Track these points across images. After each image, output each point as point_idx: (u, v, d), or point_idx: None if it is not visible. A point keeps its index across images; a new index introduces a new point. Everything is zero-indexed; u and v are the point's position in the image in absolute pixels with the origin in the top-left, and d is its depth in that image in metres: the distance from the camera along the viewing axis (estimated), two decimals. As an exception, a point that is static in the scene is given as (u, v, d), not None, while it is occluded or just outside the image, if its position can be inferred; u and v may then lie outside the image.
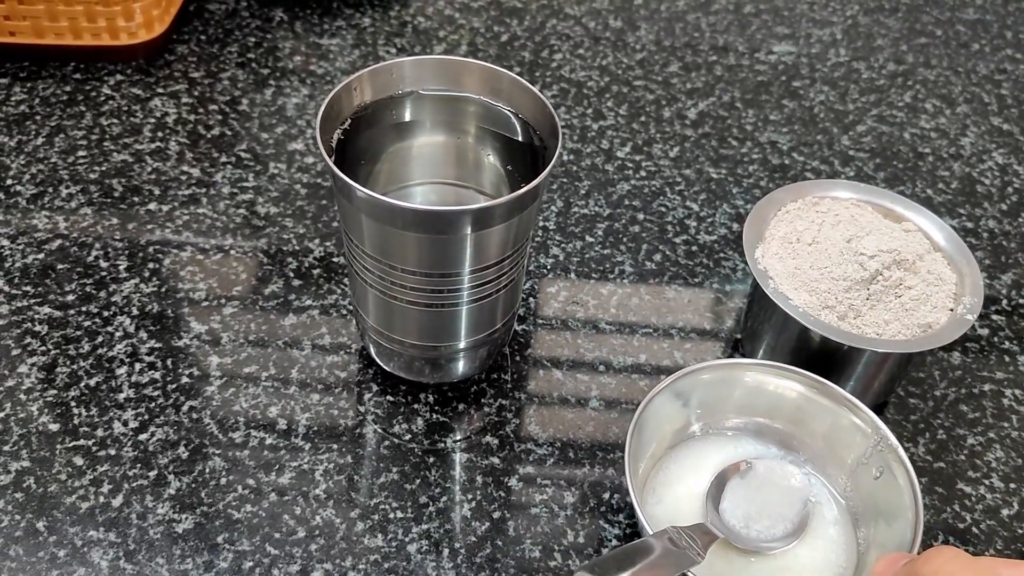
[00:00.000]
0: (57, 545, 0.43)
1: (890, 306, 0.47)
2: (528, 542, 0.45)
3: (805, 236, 0.50)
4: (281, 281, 0.55)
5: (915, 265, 0.48)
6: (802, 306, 0.47)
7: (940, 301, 0.47)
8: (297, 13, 0.75)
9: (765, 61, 0.76)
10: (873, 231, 0.49)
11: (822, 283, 0.47)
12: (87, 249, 0.56)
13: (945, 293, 0.48)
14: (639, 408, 0.42)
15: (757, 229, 0.50)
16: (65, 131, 0.63)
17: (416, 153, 0.46)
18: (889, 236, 0.49)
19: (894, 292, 0.47)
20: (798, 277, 0.48)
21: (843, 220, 0.50)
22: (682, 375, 0.44)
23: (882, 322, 0.46)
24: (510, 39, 0.75)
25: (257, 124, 0.65)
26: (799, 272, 0.48)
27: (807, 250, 0.49)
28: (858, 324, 0.47)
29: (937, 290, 0.47)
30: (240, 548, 0.43)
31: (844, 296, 0.47)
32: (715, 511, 0.43)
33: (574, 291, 0.56)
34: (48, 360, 0.50)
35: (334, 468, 0.47)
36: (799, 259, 0.49)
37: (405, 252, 0.41)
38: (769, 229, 0.51)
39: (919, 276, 0.48)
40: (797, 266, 0.48)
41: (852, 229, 0.49)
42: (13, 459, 0.46)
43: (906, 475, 0.41)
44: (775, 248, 0.50)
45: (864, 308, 0.47)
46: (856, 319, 0.47)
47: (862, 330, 0.46)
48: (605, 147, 0.66)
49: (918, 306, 0.47)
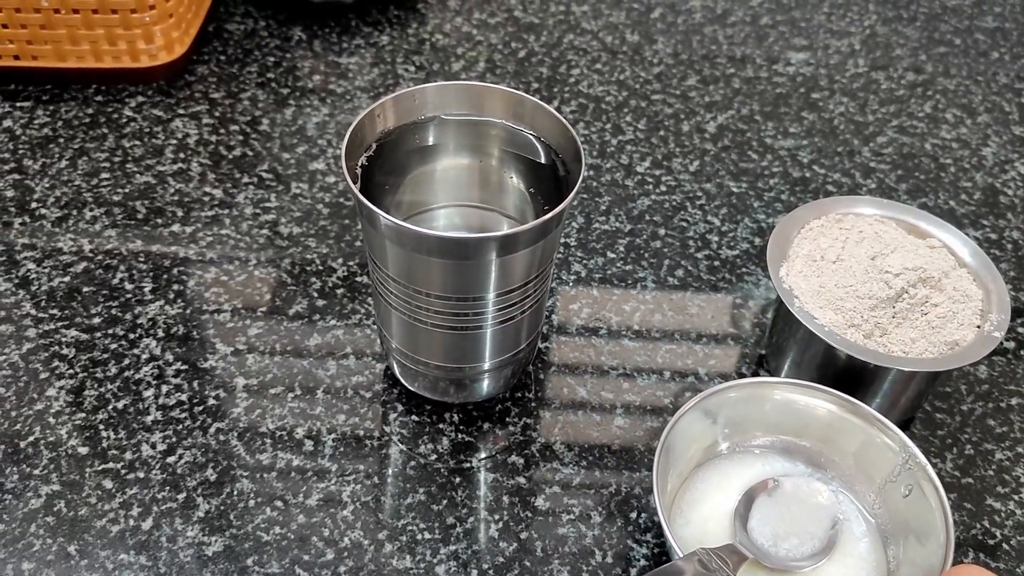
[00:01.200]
0: (89, 569, 0.43)
1: (916, 324, 0.47)
2: (556, 562, 0.45)
3: (829, 254, 0.50)
4: (305, 301, 0.55)
5: (941, 282, 0.48)
6: (828, 325, 0.46)
7: (967, 318, 0.47)
8: (316, 32, 0.76)
9: (783, 73, 0.76)
10: (898, 248, 0.49)
11: (847, 301, 0.47)
12: (112, 271, 0.56)
13: (971, 310, 0.47)
14: (667, 428, 0.42)
15: (781, 247, 0.50)
16: (88, 153, 0.63)
17: (440, 177, 0.46)
18: (914, 253, 0.48)
19: (920, 310, 0.47)
20: (823, 295, 0.48)
21: (867, 237, 0.50)
22: (710, 393, 0.44)
23: (908, 340, 0.46)
24: (527, 55, 0.75)
25: (278, 144, 0.65)
26: (824, 290, 0.48)
27: (831, 268, 0.49)
28: (884, 343, 0.46)
29: (963, 307, 0.47)
30: (270, 571, 0.43)
31: (870, 315, 0.47)
32: (743, 530, 0.42)
33: (596, 308, 0.56)
34: (76, 383, 0.50)
35: (361, 489, 0.47)
36: (823, 277, 0.48)
37: (430, 277, 0.41)
38: (793, 247, 0.51)
39: (945, 293, 0.47)
40: (822, 284, 0.48)
41: (876, 246, 0.49)
42: (44, 483, 0.46)
43: (935, 493, 0.41)
44: (799, 266, 0.49)
45: (890, 326, 0.47)
46: (882, 337, 0.47)
47: (888, 348, 0.46)
48: (624, 162, 0.66)
49: (944, 324, 0.46)
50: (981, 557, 0.46)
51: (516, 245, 0.40)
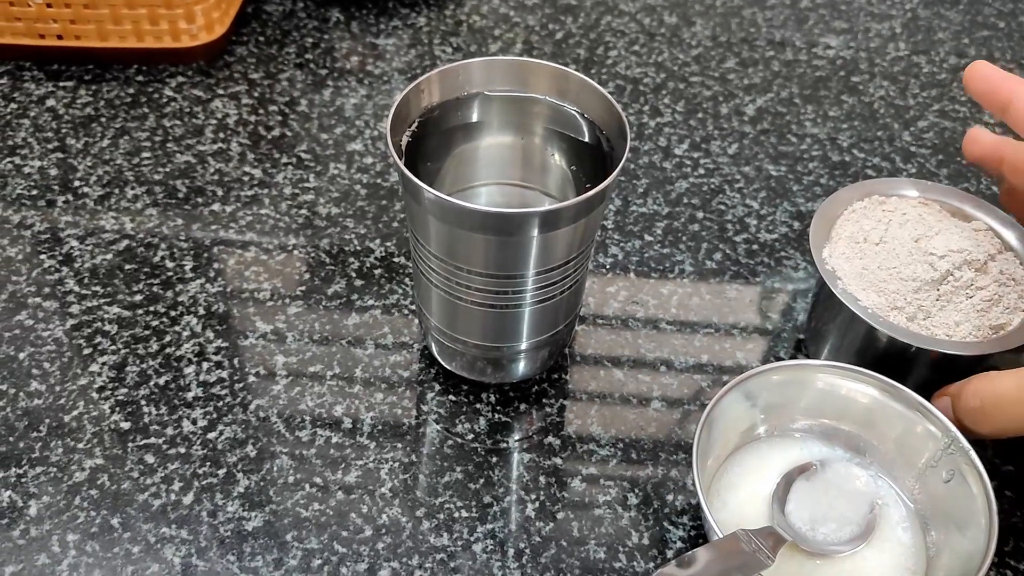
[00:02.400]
0: (131, 542, 0.44)
1: (961, 307, 0.46)
2: (592, 543, 0.45)
3: (872, 236, 0.49)
4: (344, 281, 0.55)
5: (986, 265, 0.47)
6: (871, 307, 0.46)
7: (1013, 302, 0.46)
8: (353, 13, 0.76)
9: (823, 56, 0.75)
10: (942, 231, 0.48)
11: (891, 283, 0.47)
12: (153, 249, 0.57)
13: (1018, 294, 0.47)
14: (708, 408, 0.42)
15: (823, 229, 0.50)
16: (129, 133, 0.64)
17: (482, 154, 0.46)
18: (959, 235, 0.48)
19: (965, 293, 0.46)
20: (866, 277, 0.47)
21: (911, 219, 0.49)
22: (751, 375, 0.44)
23: (952, 323, 0.46)
24: (565, 36, 0.75)
25: (316, 125, 0.66)
26: (867, 272, 0.47)
27: (874, 250, 0.48)
28: (927, 325, 0.46)
29: (1010, 291, 0.47)
30: (309, 546, 0.44)
31: (913, 297, 0.46)
32: (781, 513, 0.42)
33: (634, 291, 0.56)
34: (118, 359, 0.51)
35: (399, 467, 0.47)
36: (866, 259, 0.48)
37: (471, 253, 0.41)
38: (835, 229, 0.50)
39: (990, 276, 0.47)
40: (865, 266, 0.48)
41: (920, 228, 0.49)
42: (87, 456, 0.47)
43: (979, 479, 0.40)
44: (842, 248, 0.49)
45: (934, 309, 0.46)
46: (926, 320, 0.46)
47: (932, 331, 0.46)
48: (663, 144, 0.66)
49: (990, 307, 0.46)
50: (1022, 545, 0.46)
51: (558, 222, 0.40)
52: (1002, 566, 0.45)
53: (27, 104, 0.66)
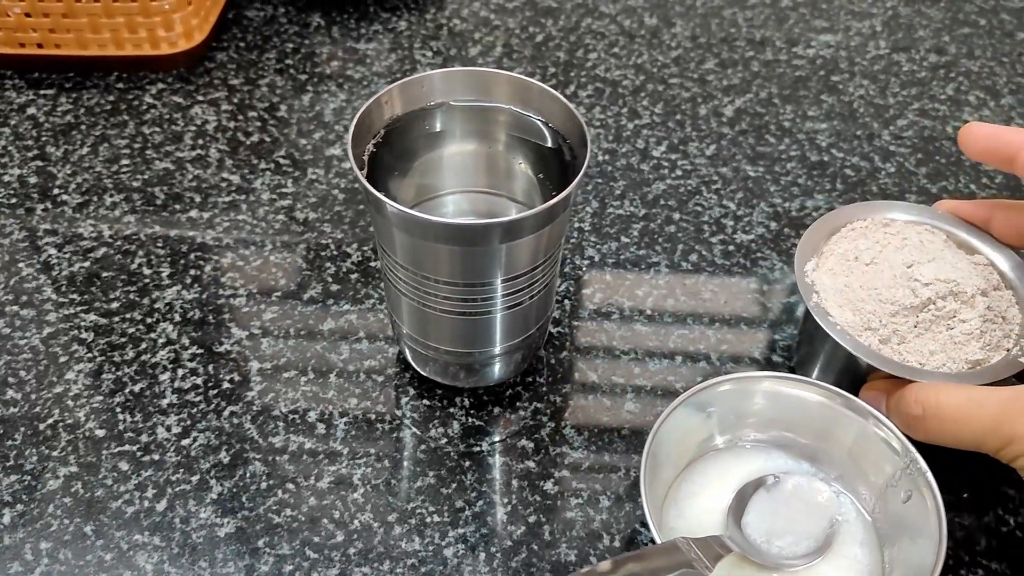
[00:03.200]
0: (104, 549, 0.44)
1: (938, 337, 0.45)
2: (564, 546, 0.45)
3: (864, 256, 0.48)
4: (320, 286, 0.56)
5: (974, 299, 0.45)
6: (842, 324, 0.45)
7: (996, 340, 0.45)
8: (334, 18, 0.76)
9: (803, 56, 0.75)
10: (937, 259, 0.47)
11: (868, 304, 0.46)
12: (131, 256, 0.57)
13: (1004, 333, 0.45)
14: (656, 424, 0.42)
15: (815, 241, 0.49)
16: (109, 140, 0.64)
17: (448, 163, 0.47)
18: (952, 266, 0.46)
19: (946, 323, 0.45)
20: (845, 295, 0.46)
21: (910, 245, 0.48)
22: (699, 389, 0.43)
23: (927, 352, 0.45)
24: (545, 39, 0.75)
25: (295, 130, 0.66)
26: (848, 291, 0.47)
27: (863, 269, 0.47)
28: (901, 351, 0.45)
29: (995, 328, 0.45)
30: (280, 552, 0.44)
31: (889, 320, 0.45)
32: (735, 525, 0.42)
33: (609, 292, 0.56)
34: (94, 367, 0.51)
35: (372, 472, 0.47)
36: (852, 277, 0.47)
37: (437, 264, 0.42)
38: (829, 244, 0.49)
39: (976, 311, 0.45)
40: (848, 284, 0.47)
41: (916, 255, 0.47)
42: (62, 464, 0.47)
43: (932, 497, 0.40)
44: (831, 264, 0.48)
45: (910, 335, 0.45)
46: (900, 345, 0.45)
47: (903, 357, 0.45)
48: (640, 146, 0.66)
49: (969, 341, 0.45)
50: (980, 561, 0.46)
51: (522, 231, 0.40)
52: (971, 565, 0.45)
53: (7, 112, 0.66)
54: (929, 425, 0.41)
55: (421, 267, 0.42)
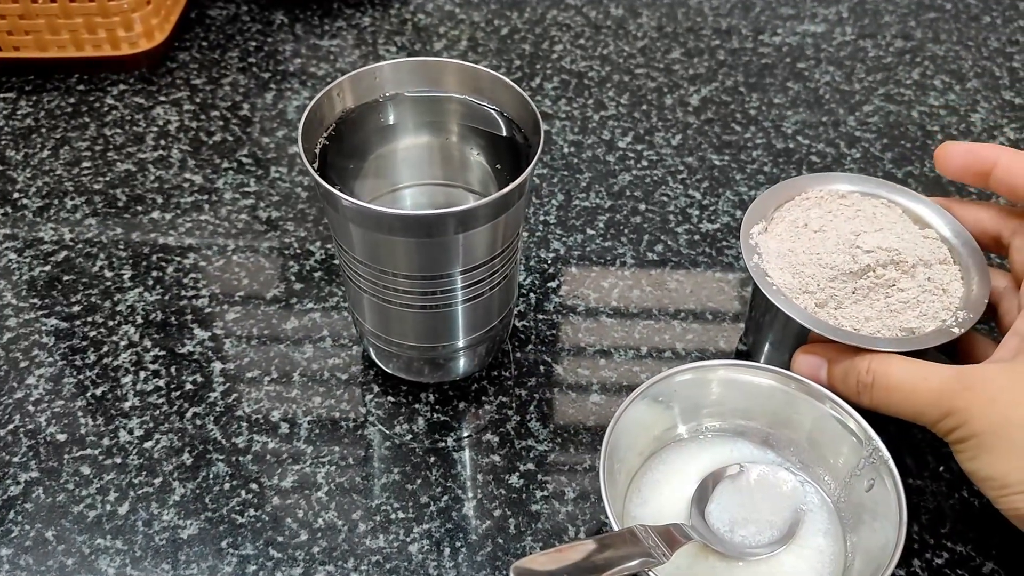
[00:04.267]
0: (66, 554, 0.44)
1: (875, 304, 0.45)
2: (529, 539, 0.45)
3: (813, 223, 0.48)
4: (283, 285, 0.55)
5: (915, 269, 0.46)
6: (779, 285, 0.46)
7: (933, 311, 0.45)
8: (298, 15, 0.75)
9: (769, 43, 0.75)
10: (885, 229, 0.47)
11: (808, 268, 0.46)
12: (92, 260, 0.56)
13: (943, 304, 0.45)
14: (615, 417, 0.41)
15: (765, 209, 0.49)
16: (70, 143, 0.64)
17: (403, 156, 0.46)
18: (897, 236, 0.47)
19: (884, 292, 0.45)
20: (787, 259, 0.47)
21: (862, 216, 0.48)
22: (655, 381, 0.43)
23: (862, 318, 0.45)
24: (510, 32, 0.75)
25: (258, 128, 0.66)
26: (791, 255, 0.47)
27: (810, 236, 0.48)
28: (836, 315, 0.45)
29: (935, 300, 0.45)
30: (244, 552, 0.44)
31: (828, 284, 0.45)
32: (699, 514, 0.42)
33: (575, 285, 0.56)
34: (55, 371, 0.51)
35: (336, 470, 0.47)
36: (797, 243, 0.47)
37: (395, 257, 0.41)
38: (781, 211, 0.50)
39: (915, 281, 0.46)
40: (791, 249, 0.47)
41: (865, 225, 0.48)
42: (22, 470, 0.46)
43: (894, 485, 0.40)
44: (779, 229, 0.48)
45: (847, 301, 0.45)
46: (836, 310, 0.45)
47: (838, 321, 0.45)
48: (606, 138, 0.66)
49: (905, 310, 0.45)
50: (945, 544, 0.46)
51: (478, 220, 0.40)
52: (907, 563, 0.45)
53: (-33, 117, 0.65)
54: (876, 394, 0.42)
55: (379, 261, 0.42)
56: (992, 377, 0.40)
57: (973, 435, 0.40)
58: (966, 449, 0.40)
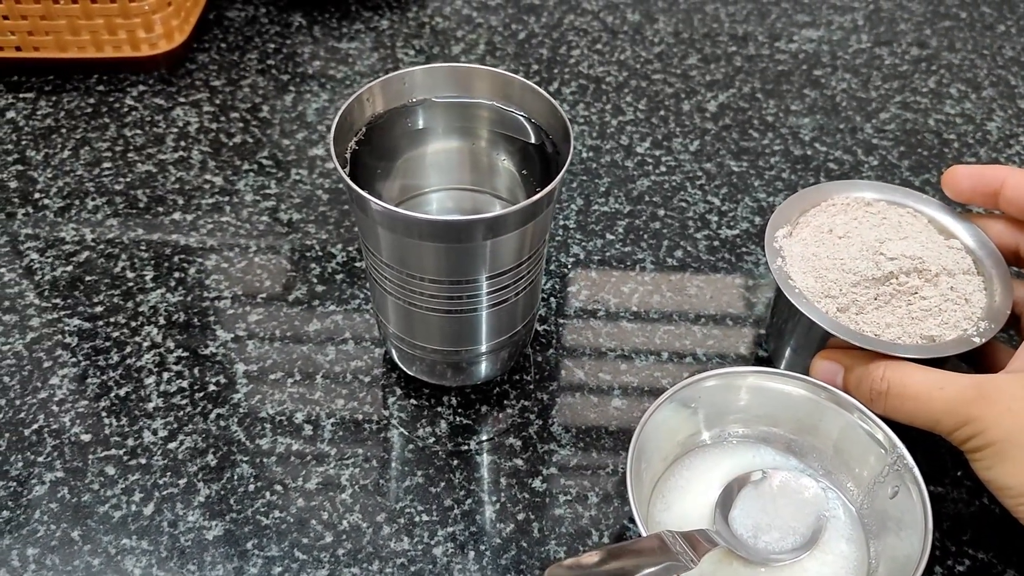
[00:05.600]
0: (92, 554, 0.44)
1: (897, 311, 0.45)
2: (553, 543, 0.45)
3: (839, 229, 0.49)
4: (305, 287, 0.55)
5: (938, 278, 0.46)
6: (802, 289, 0.46)
7: (955, 320, 0.45)
8: (316, 18, 0.76)
9: (786, 50, 0.75)
10: (910, 238, 0.47)
11: (831, 272, 0.46)
12: (114, 260, 0.56)
13: (964, 314, 0.45)
14: (642, 420, 0.42)
15: (791, 213, 0.50)
16: (90, 143, 0.64)
17: (431, 160, 0.46)
18: (922, 245, 0.47)
19: (906, 299, 0.46)
20: (810, 263, 0.47)
21: (888, 224, 0.49)
22: (684, 385, 0.43)
23: (883, 324, 0.45)
24: (528, 36, 0.75)
25: (278, 131, 0.66)
26: (815, 259, 0.47)
27: (834, 241, 0.48)
28: (857, 320, 0.45)
29: (956, 309, 0.45)
30: (269, 554, 0.44)
31: (850, 289, 0.46)
32: (723, 519, 0.42)
33: (595, 289, 0.56)
34: (79, 371, 0.51)
35: (360, 472, 0.47)
36: (821, 248, 0.48)
37: (422, 261, 0.42)
38: (806, 216, 0.50)
39: (938, 289, 0.46)
40: (815, 253, 0.47)
41: (890, 233, 0.48)
42: (47, 470, 0.47)
43: (919, 492, 0.40)
44: (805, 234, 0.49)
45: (869, 307, 0.46)
46: (857, 315, 0.46)
47: (859, 327, 0.45)
48: (624, 143, 0.66)
49: (926, 317, 0.45)
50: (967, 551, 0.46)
51: (505, 227, 0.40)
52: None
53: (-13, 116, 0.65)
54: (890, 402, 0.43)
55: (406, 265, 0.42)
56: (1008, 386, 0.41)
57: (989, 444, 0.40)
58: (983, 458, 0.41)
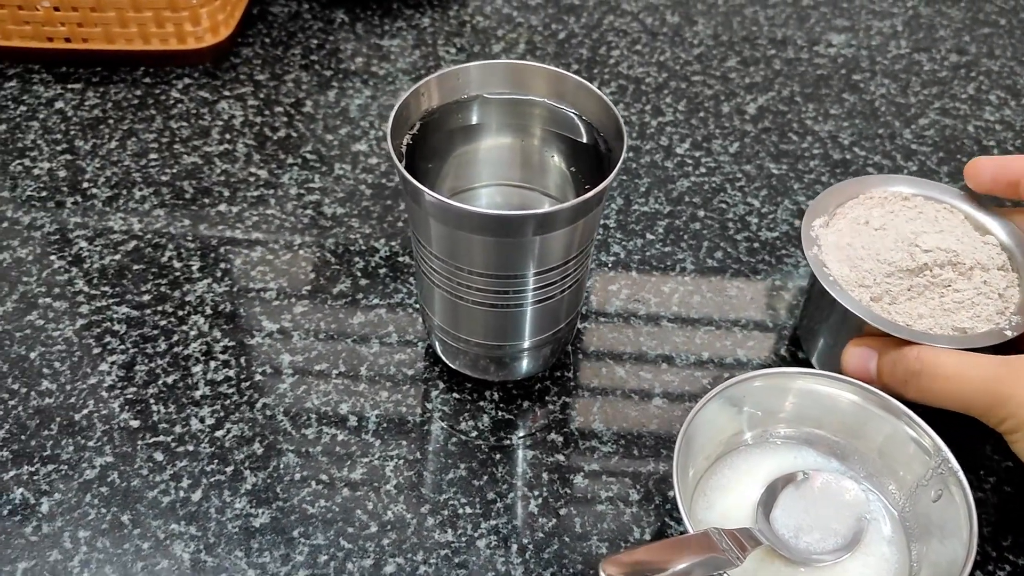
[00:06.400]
0: (141, 538, 0.44)
1: (930, 303, 0.46)
2: (595, 538, 0.45)
3: (875, 221, 0.49)
4: (349, 280, 0.56)
5: (972, 271, 0.46)
6: (836, 276, 0.46)
7: (987, 313, 0.46)
8: (358, 15, 0.76)
9: (824, 54, 0.75)
10: (945, 231, 0.48)
11: (866, 262, 0.47)
12: (161, 250, 0.57)
13: (997, 308, 0.46)
14: (689, 416, 0.42)
15: (829, 204, 0.50)
16: (137, 134, 0.65)
17: (482, 156, 0.47)
18: (957, 239, 0.47)
19: (939, 291, 0.46)
20: (845, 252, 0.48)
21: (924, 217, 0.49)
22: (734, 383, 0.43)
23: (916, 315, 0.46)
24: (568, 36, 0.75)
25: (321, 126, 0.66)
26: (850, 248, 0.48)
27: (870, 233, 0.49)
28: (890, 310, 0.46)
29: (989, 303, 0.46)
30: (315, 542, 0.45)
31: (884, 279, 0.46)
32: (765, 519, 0.43)
33: (635, 288, 0.57)
34: (127, 359, 0.52)
35: (404, 464, 0.48)
36: (857, 239, 0.48)
37: (471, 254, 0.42)
38: (844, 208, 0.50)
39: (971, 283, 0.46)
40: (850, 243, 0.48)
41: (926, 226, 0.48)
42: (97, 454, 0.47)
43: (963, 496, 0.40)
44: (841, 225, 0.49)
45: (902, 297, 0.46)
46: (891, 305, 0.46)
47: (892, 316, 0.46)
48: (664, 144, 0.67)
49: (959, 310, 0.45)
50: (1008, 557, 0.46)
51: (556, 223, 0.41)
52: (999, 560, 0.46)
53: (36, 106, 0.66)
54: (923, 382, 0.43)
55: (456, 257, 0.43)
56: None
57: None
58: (1019, 440, 0.41)
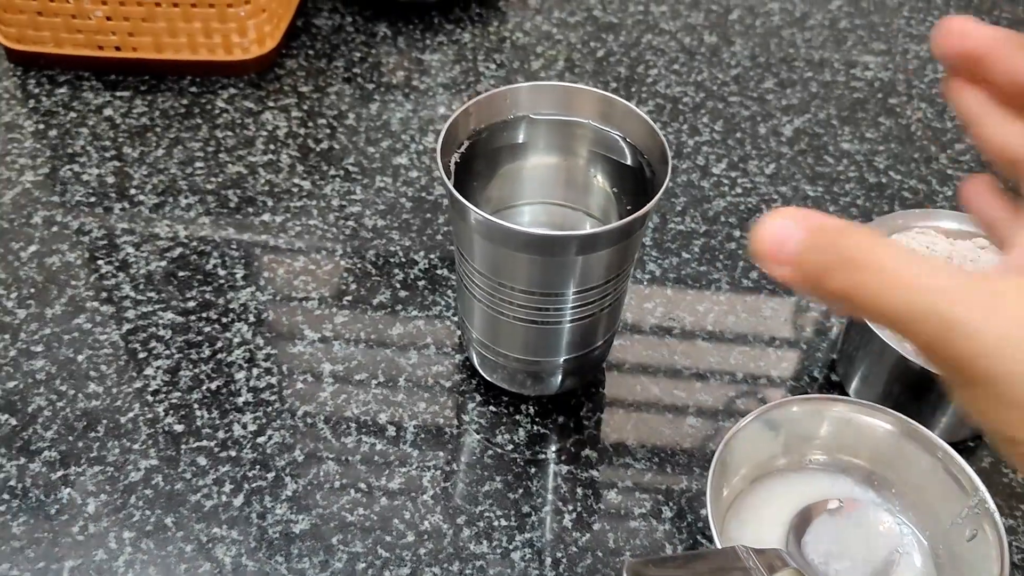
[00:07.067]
0: (184, 541, 0.46)
1: None
2: (628, 554, 0.46)
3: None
4: (388, 292, 0.57)
5: None
6: None
7: None
8: (400, 28, 0.78)
9: (861, 78, 0.76)
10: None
11: None
12: (206, 257, 0.59)
13: None
14: (727, 436, 0.43)
15: None
16: (183, 143, 0.66)
17: (527, 175, 0.48)
18: None
19: None
20: None
21: (967, 259, 0.49)
22: (773, 406, 0.44)
23: None
24: (606, 54, 0.76)
25: (363, 138, 0.68)
26: None
27: None
28: None
29: None
30: (354, 550, 0.45)
31: None
32: (796, 543, 0.43)
33: (671, 307, 0.58)
34: (172, 364, 0.53)
35: (440, 475, 0.49)
36: None
37: (514, 271, 0.43)
38: None
39: None
40: None
41: (965, 263, 0.49)
42: (142, 457, 0.49)
43: (998, 538, 0.40)
44: None
45: None
46: None
47: None
48: (701, 163, 0.67)
49: None
50: (1051, 568, 0.46)
51: (598, 244, 0.41)
52: (1030, 588, 0.46)
53: (86, 113, 0.68)
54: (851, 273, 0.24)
55: (498, 273, 0.43)
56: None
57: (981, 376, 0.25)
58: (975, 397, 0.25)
